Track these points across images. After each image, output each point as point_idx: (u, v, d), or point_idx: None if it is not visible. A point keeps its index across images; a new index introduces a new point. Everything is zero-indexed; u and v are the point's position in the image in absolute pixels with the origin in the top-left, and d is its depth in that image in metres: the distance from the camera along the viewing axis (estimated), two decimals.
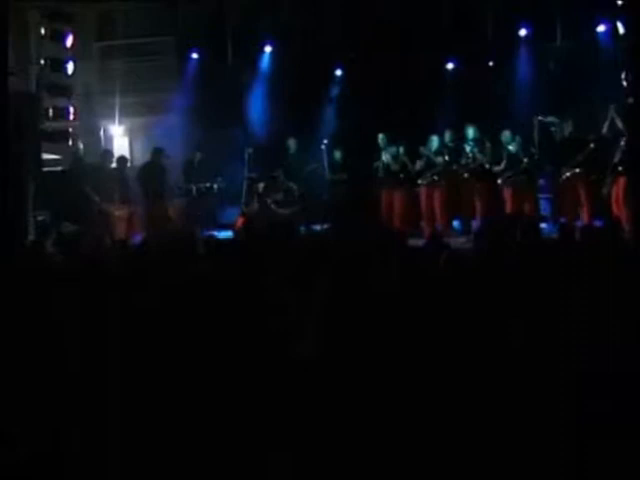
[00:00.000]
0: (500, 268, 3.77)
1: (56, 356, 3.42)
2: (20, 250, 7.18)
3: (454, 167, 11.31)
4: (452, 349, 3.08)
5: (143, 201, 11.74)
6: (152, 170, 11.86)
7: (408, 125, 11.76)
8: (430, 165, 11.28)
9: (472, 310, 3.31)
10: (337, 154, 12.21)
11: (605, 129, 10.58)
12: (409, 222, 11.41)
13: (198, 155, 12.54)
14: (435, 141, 11.44)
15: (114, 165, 12.19)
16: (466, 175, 11.27)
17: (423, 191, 11.37)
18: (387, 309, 3.35)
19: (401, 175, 11.47)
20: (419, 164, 11.33)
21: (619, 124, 10.53)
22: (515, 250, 4.08)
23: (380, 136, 11.65)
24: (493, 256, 3.68)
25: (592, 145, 10.68)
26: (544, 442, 2.82)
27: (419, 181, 11.38)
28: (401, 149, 11.46)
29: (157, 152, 11.94)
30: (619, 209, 9.94)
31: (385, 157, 11.53)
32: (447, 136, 11.50)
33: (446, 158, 11.26)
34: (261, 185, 12.30)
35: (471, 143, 11.35)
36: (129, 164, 12.43)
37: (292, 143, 12.38)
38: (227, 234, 11.28)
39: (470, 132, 11.40)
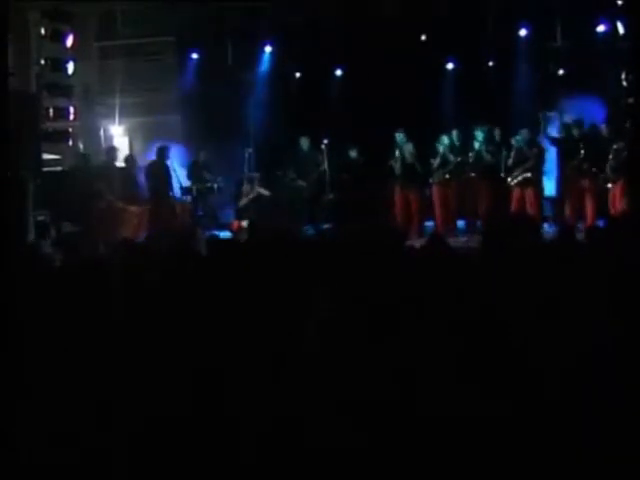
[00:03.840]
0: (501, 268, 3.77)
1: (57, 356, 3.42)
2: (20, 250, 7.17)
3: (462, 166, 11.32)
4: (451, 348, 3.08)
5: (150, 199, 11.74)
6: (158, 169, 11.84)
7: (409, 125, 11.76)
8: (444, 163, 11.28)
9: (472, 310, 3.31)
10: (352, 153, 12.18)
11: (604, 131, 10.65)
12: (423, 220, 11.47)
13: (202, 155, 12.50)
14: (445, 140, 11.43)
15: (122, 164, 12.18)
16: (472, 175, 11.28)
17: (435, 190, 11.38)
18: (386, 308, 3.36)
19: (416, 173, 11.44)
20: (435, 162, 11.31)
21: (604, 130, 10.64)
22: (516, 250, 4.08)
23: (398, 134, 11.58)
24: (495, 256, 3.69)
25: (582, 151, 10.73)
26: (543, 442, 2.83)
27: (430, 180, 11.38)
28: (410, 146, 11.43)
29: (162, 150, 11.91)
30: (616, 210, 9.99)
31: (403, 154, 11.43)
32: (454, 136, 11.51)
33: (458, 159, 11.26)
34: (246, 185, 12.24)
35: (480, 141, 11.35)
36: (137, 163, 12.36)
37: (305, 142, 12.36)
38: (227, 234, 11.31)
39: (480, 133, 11.40)
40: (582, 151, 10.69)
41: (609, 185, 10.43)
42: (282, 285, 3.79)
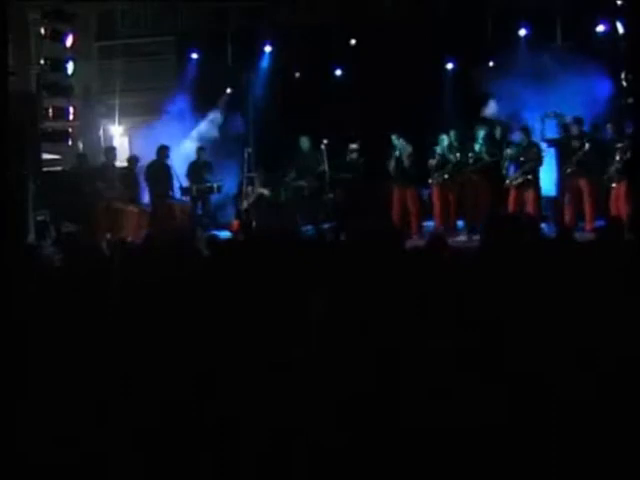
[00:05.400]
0: (501, 268, 3.77)
1: (57, 356, 3.42)
2: (20, 250, 7.18)
3: (461, 166, 11.31)
4: (451, 347, 3.09)
5: (150, 199, 11.73)
6: (158, 168, 11.83)
7: (409, 125, 11.76)
8: (443, 164, 11.28)
9: (473, 310, 3.31)
10: (353, 153, 12.16)
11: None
12: (422, 220, 11.48)
13: (202, 155, 12.44)
14: (444, 140, 11.42)
15: (122, 164, 12.15)
16: (472, 175, 11.27)
17: (436, 191, 11.40)
18: (386, 307, 3.36)
19: (412, 174, 11.46)
20: (432, 163, 11.31)
21: (609, 130, 10.62)
22: (516, 250, 4.08)
23: (395, 135, 11.58)
24: (495, 255, 3.69)
25: (587, 145, 10.68)
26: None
27: (430, 181, 11.40)
28: (409, 148, 11.45)
29: (162, 150, 11.87)
30: (617, 210, 9.98)
31: (400, 155, 11.45)
32: (452, 136, 11.50)
33: (457, 156, 11.25)
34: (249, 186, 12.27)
35: (480, 142, 11.35)
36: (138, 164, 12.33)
37: (305, 141, 12.32)
38: (227, 234, 11.29)
39: (481, 131, 11.40)
40: (580, 152, 10.66)
41: (613, 185, 10.38)
42: (282, 285, 3.79)
